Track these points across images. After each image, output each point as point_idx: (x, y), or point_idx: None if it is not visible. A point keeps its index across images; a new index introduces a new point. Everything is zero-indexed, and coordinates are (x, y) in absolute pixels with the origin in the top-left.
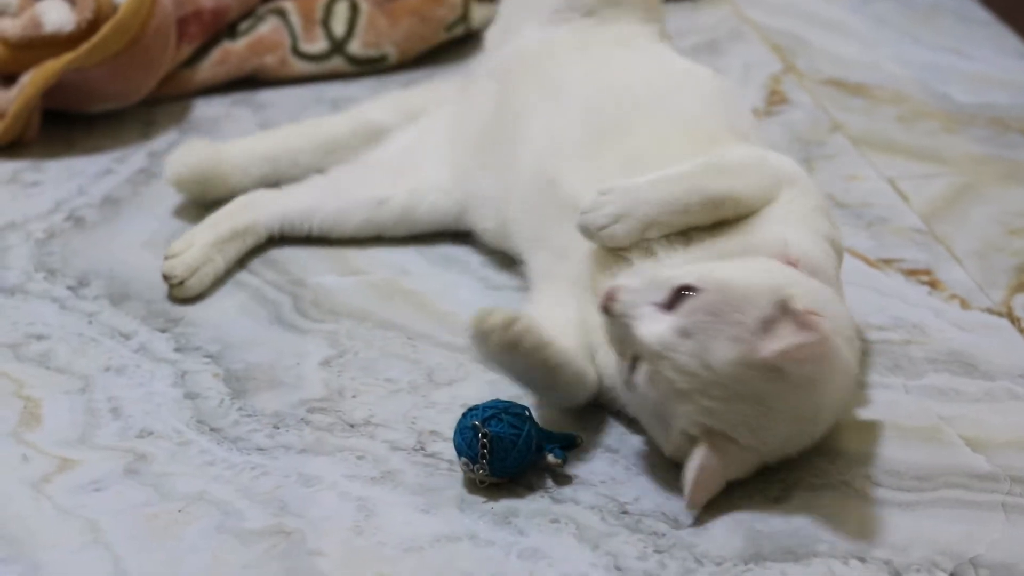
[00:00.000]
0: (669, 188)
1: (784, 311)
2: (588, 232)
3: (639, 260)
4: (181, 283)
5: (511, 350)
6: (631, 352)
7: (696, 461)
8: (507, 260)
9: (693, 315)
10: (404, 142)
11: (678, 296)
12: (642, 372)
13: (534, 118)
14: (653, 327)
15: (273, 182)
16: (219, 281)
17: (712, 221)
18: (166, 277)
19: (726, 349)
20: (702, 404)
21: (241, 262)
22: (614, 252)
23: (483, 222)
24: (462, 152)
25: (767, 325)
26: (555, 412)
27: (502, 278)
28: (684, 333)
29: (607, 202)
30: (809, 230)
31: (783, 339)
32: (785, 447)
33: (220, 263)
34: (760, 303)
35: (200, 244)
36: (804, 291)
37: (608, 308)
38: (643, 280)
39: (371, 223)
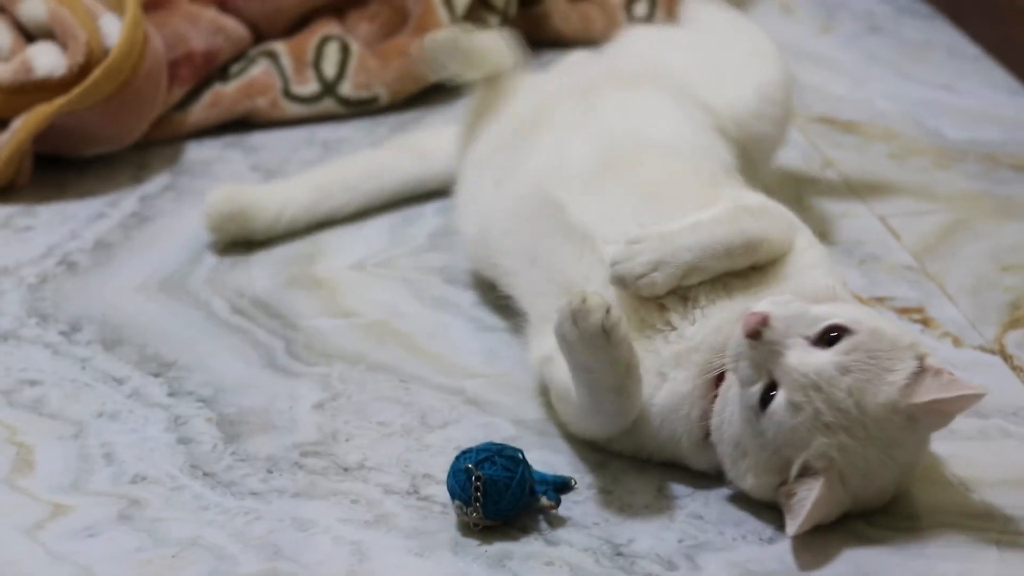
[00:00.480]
0: (711, 231)
1: (923, 366)
2: (623, 282)
3: (674, 307)
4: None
5: (606, 336)
6: (768, 378)
7: (818, 493)
8: (500, 301)
9: (851, 354)
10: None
11: (828, 334)
12: (781, 399)
13: (551, 134)
14: (810, 359)
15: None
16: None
17: (748, 265)
18: None
19: (881, 392)
20: (840, 440)
21: (235, 306)
22: (644, 301)
23: (466, 225)
24: (477, 141)
25: (914, 376)
26: (548, 455)
27: (494, 319)
28: (844, 370)
29: (642, 250)
30: (836, 277)
31: (930, 392)
32: (875, 499)
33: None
34: (906, 355)
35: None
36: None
37: (758, 333)
38: (791, 311)
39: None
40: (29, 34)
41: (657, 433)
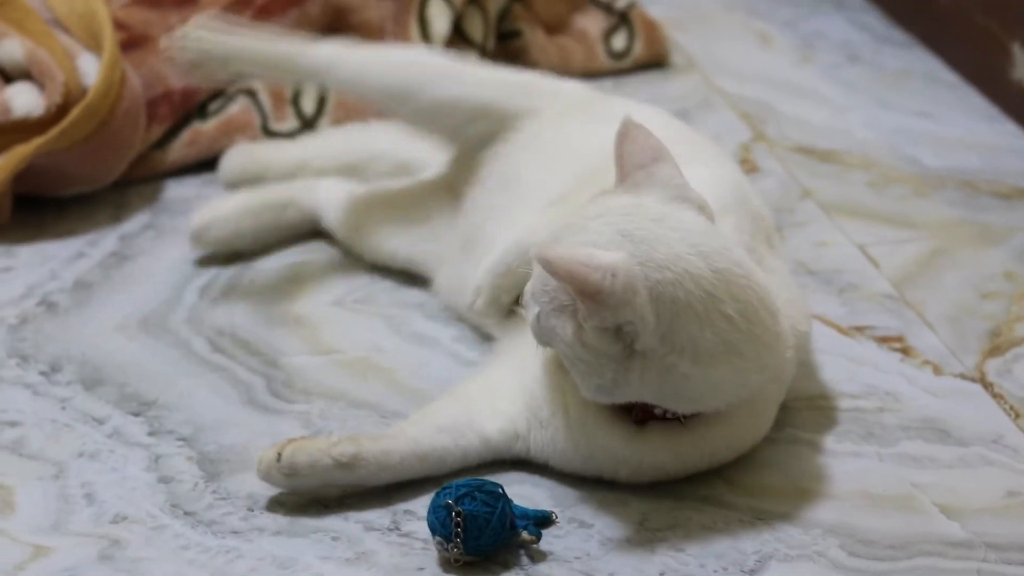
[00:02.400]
0: (495, 253)
1: None
2: (473, 312)
3: None
4: (197, 236)
5: (295, 473)
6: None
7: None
8: (479, 335)
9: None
10: None
11: None
12: None
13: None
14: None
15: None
16: (244, 245)
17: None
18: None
19: None
20: None
21: (215, 344)
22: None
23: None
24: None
25: None
26: (528, 489)
27: (473, 354)
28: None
29: (474, 281)
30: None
31: None
32: None
33: (246, 225)
34: None
35: (233, 202)
36: None
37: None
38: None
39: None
40: (6, 74)
41: None
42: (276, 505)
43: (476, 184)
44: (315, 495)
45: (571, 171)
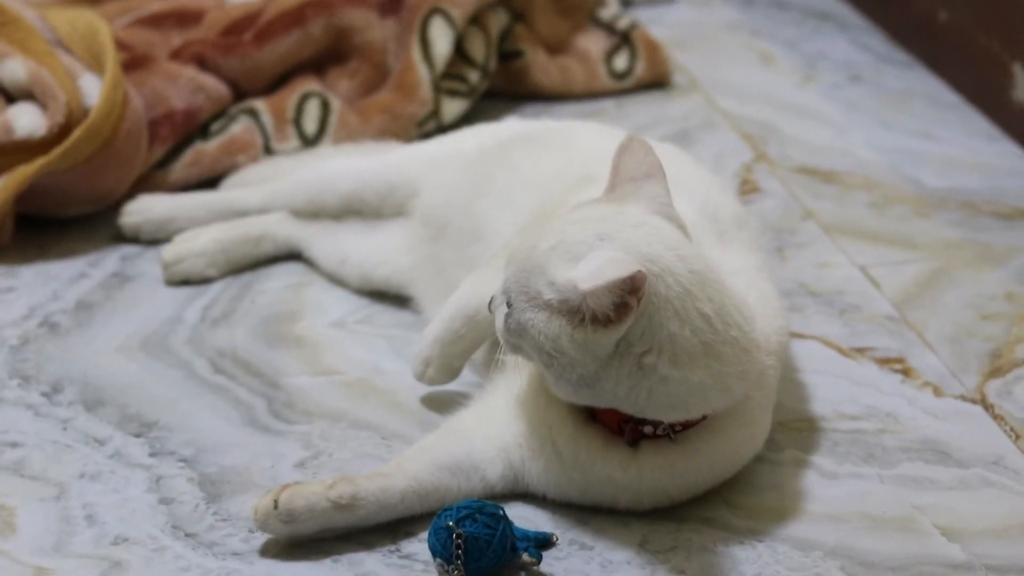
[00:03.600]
0: (439, 319)
1: None
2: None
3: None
4: (166, 267)
5: (293, 519)
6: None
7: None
8: (479, 356)
9: None
10: None
11: None
12: None
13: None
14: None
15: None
16: (216, 276)
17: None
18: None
19: None
20: None
21: (216, 365)
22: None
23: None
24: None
25: None
26: (529, 511)
27: (474, 376)
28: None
29: (419, 351)
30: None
31: None
32: None
33: (221, 260)
34: None
35: (206, 238)
36: None
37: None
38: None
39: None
40: (9, 95)
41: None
42: None
43: (442, 239)
44: None
45: (528, 205)
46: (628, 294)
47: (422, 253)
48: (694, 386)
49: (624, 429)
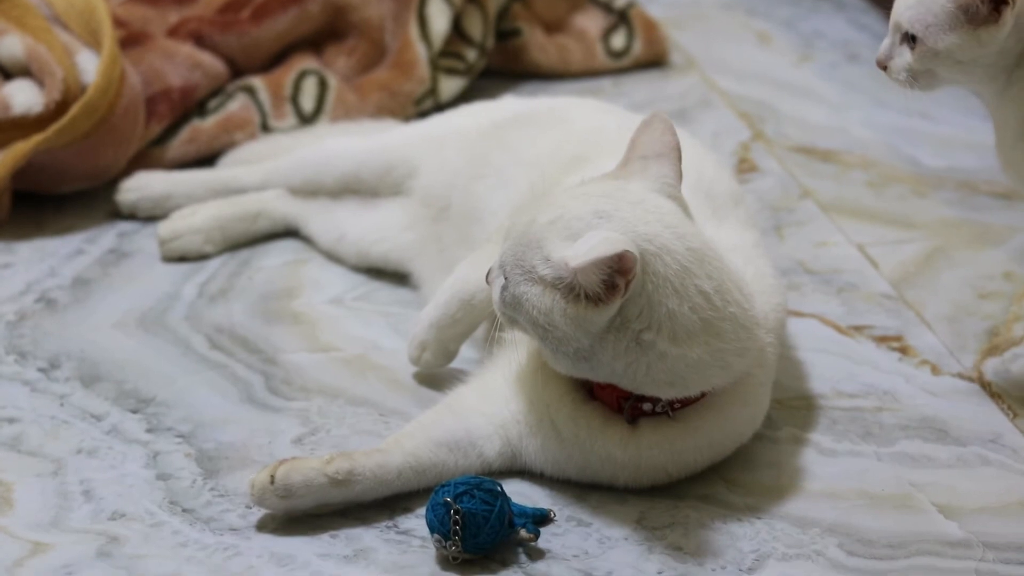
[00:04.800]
0: (435, 303)
1: None
2: (418, 366)
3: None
4: (163, 244)
5: (289, 494)
6: None
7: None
8: (477, 334)
9: None
10: None
11: None
12: None
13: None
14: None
15: None
16: (213, 253)
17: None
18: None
19: None
20: None
21: (213, 342)
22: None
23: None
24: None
25: None
26: (527, 487)
27: (472, 352)
28: None
29: (413, 335)
30: None
31: None
32: None
33: (218, 237)
34: None
35: (203, 215)
36: None
37: None
38: None
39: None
40: (6, 71)
41: None
42: None
43: (444, 220)
44: None
45: (524, 185)
46: (617, 274)
47: (423, 231)
48: (693, 363)
49: (623, 407)
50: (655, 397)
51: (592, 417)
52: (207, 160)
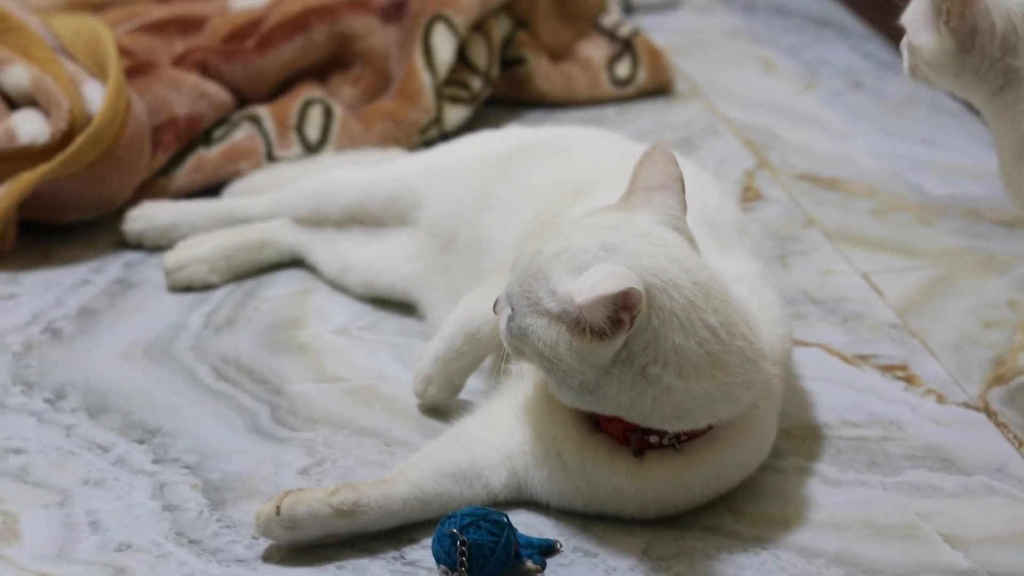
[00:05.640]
0: (439, 338)
1: None
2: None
3: None
4: (169, 274)
5: (294, 525)
6: None
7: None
8: (483, 365)
9: None
10: None
11: None
12: None
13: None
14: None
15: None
16: (219, 283)
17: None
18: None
19: None
20: None
21: (219, 372)
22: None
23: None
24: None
25: None
26: (533, 518)
27: (477, 382)
28: None
29: (419, 369)
30: None
31: None
32: None
33: (223, 267)
34: None
35: (209, 245)
36: None
37: None
38: None
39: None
40: (12, 101)
41: None
42: None
43: (451, 251)
44: None
45: (529, 215)
46: (622, 309)
47: (430, 262)
48: (699, 397)
49: (630, 439)
50: (662, 430)
51: (598, 449)
52: (213, 189)
